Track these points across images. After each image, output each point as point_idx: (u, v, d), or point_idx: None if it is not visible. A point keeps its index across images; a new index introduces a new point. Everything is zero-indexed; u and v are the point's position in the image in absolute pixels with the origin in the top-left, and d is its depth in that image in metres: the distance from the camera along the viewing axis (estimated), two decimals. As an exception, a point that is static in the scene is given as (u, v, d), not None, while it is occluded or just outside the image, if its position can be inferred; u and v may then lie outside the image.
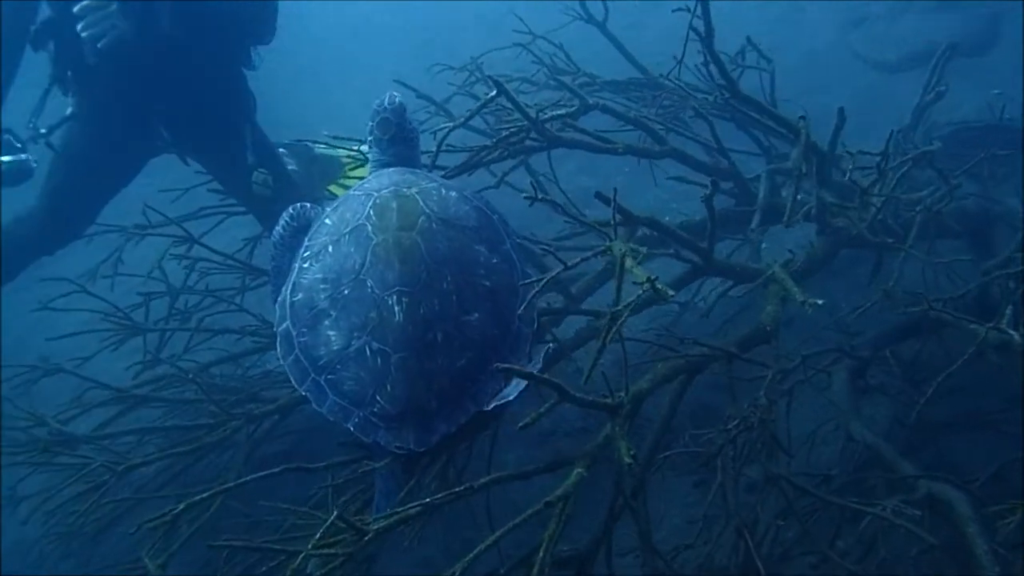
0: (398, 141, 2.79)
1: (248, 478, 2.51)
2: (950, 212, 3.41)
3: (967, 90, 5.74)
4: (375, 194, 2.52)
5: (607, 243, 2.26)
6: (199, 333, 3.81)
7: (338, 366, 2.37)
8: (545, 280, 2.14)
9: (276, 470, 2.48)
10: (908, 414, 3.51)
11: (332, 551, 2.03)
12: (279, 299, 2.57)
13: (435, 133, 3.08)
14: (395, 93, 2.81)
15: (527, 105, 3.16)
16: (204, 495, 2.46)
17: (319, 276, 2.46)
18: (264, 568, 2.21)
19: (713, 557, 2.92)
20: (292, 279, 2.54)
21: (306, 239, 2.59)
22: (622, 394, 2.34)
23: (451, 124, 3.05)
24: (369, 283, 2.37)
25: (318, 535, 2.03)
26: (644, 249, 2.26)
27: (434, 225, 2.44)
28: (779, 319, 2.94)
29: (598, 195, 2.51)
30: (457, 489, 2.18)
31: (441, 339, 2.35)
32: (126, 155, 4.13)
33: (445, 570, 3.39)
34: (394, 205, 2.46)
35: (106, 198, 4.23)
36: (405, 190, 2.51)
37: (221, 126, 4.08)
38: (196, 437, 3.26)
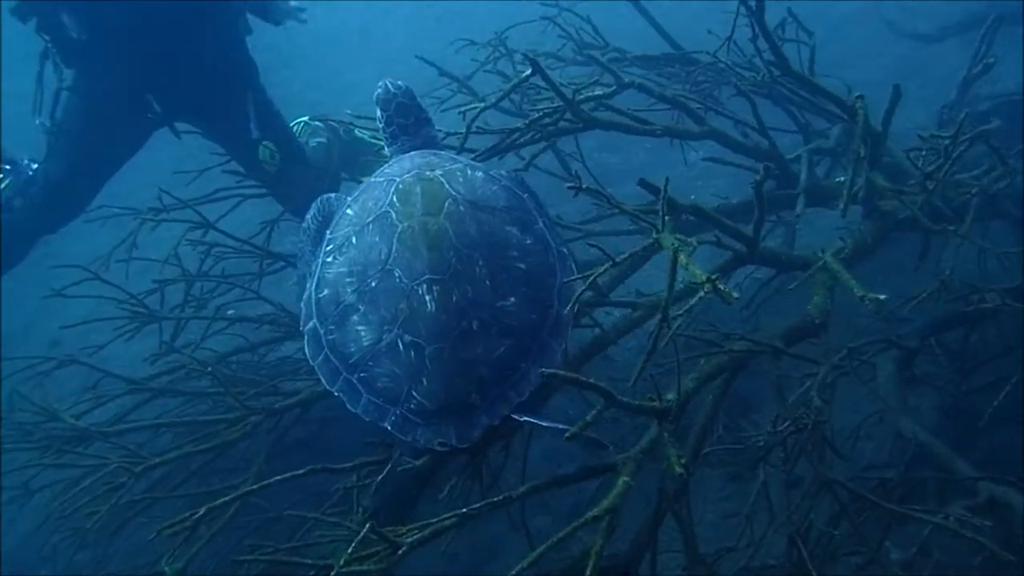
0: (423, 123, 2.68)
1: (270, 481, 2.40)
2: (1006, 193, 3.22)
3: (1007, 61, 5.51)
4: (397, 179, 2.39)
5: (655, 235, 2.09)
6: (216, 322, 3.67)
7: (370, 363, 2.24)
8: (594, 277, 1.98)
9: (300, 472, 2.38)
10: (956, 406, 3.39)
11: (365, 567, 1.90)
12: (304, 296, 2.44)
13: (463, 113, 2.91)
14: (392, 79, 2.68)
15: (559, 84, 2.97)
16: (225, 499, 2.33)
17: (344, 270, 2.33)
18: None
19: (754, 558, 2.80)
20: (316, 274, 2.41)
21: (328, 232, 2.46)
22: (670, 396, 2.19)
23: (480, 104, 2.87)
24: (397, 273, 2.24)
25: (350, 550, 1.90)
26: (694, 241, 2.09)
27: (462, 208, 2.31)
28: (828, 311, 2.78)
29: (642, 183, 2.34)
30: (494, 499, 2.05)
31: (477, 327, 2.21)
32: (126, 129, 4.02)
33: (470, 566, 3.30)
34: (418, 190, 2.33)
35: (107, 173, 4.15)
36: (428, 173, 2.39)
37: (222, 94, 3.99)
38: (215, 432, 3.14)
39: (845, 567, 2.83)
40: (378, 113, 2.69)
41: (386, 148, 2.72)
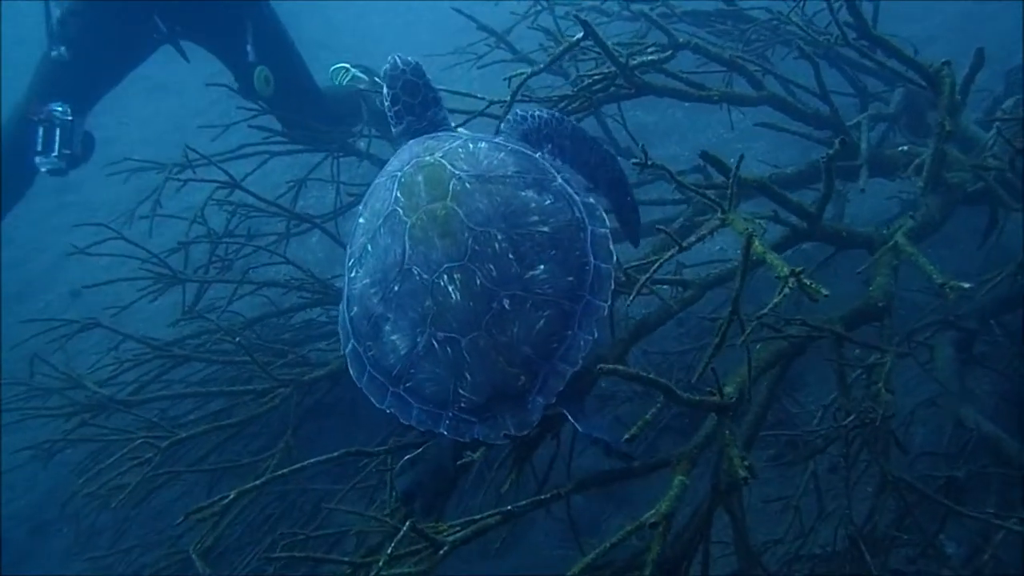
0: (430, 103, 2.50)
1: (301, 465, 2.31)
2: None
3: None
4: (398, 174, 2.28)
5: (722, 215, 1.92)
6: (243, 285, 3.54)
7: (412, 370, 2.13)
8: (660, 263, 1.82)
9: (335, 454, 2.30)
10: (1017, 391, 3.21)
11: (405, 569, 1.78)
12: (339, 320, 2.34)
13: (509, 80, 2.72)
14: (402, 54, 2.50)
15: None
16: (255, 483, 2.23)
17: (367, 281, 2.23)
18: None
19: (803, 547, 2.69)
20: (345, 294, 2.32)
21: (347, 247, 2.37)
22: (728, 389, 2.04)
23: (526, 70, 2.68)
24: (415, 271, 2.13)
25: (390, 548, 1.78)
26: (764, 223, 1.92)
27: (468, 185, 2.19)
28: (892, 293, 2.60)
29: (704, 155, 2.16)
30: (542, 497, 1.93)
31: (509, 306, 2.09)
32: (125, 49, 4.22)
33: (502, 556, 3.19)
34: (420, 179, 2.22)
35: (100, 93, 4.37)
36: (428, 158, 2.26)
37: (221, 16, 4.12)
38: (242, 403, 3.04)
39: (895, 559, 2.72)
40: (384, 90, 2.52)
41: (393, 128, 2.54)
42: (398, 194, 2.22)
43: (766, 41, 3.59)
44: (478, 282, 2.08)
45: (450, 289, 2.09)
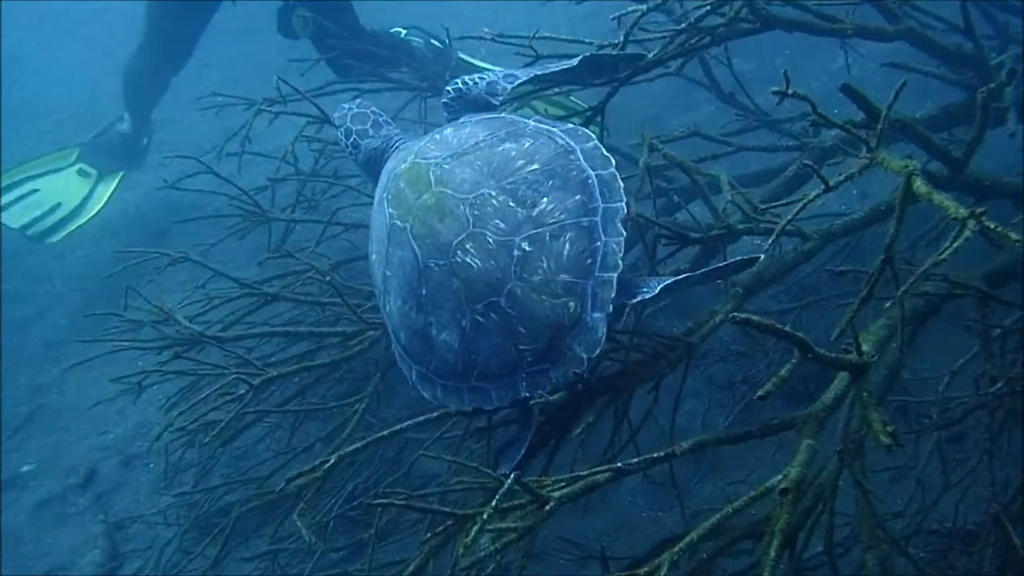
0: (381, 124, 2.69)
1: (400, 427, 2.28)
2: None
3: None
4: (384, 194, 2.34)
5: (870, 153, 1.70)
6: (330, 227, 3.47)
7: (472, 356, 2.12)
8: (807, 201, 1.62)
9: (433, 414, 2.26)
10: None
11: (508, 525, 1.67)
12: (396, 356, 2.37)
13: (618, 19, 2.54)
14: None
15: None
16: (355, 446, 2.19)
17: (399, 303, 2.24)
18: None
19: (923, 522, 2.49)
20: (390, 328, 2.34)
21: (373, 289, 2.46)
22: (866, 347, 1.84)
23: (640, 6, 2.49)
24: (431, 264, 2.14)
25: (494, 502, 1.66)
26: (917, 162, 1.69)
27: (446, 167, 2.22)
28: (1043, 250, 2.33)
29: (845, 88, 1.93)
30: (656, 455, 1.78)
31: (529, 246, 2.08)
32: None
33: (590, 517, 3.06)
34: (402, 185, 2.27)
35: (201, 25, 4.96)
36: (402, 166, 2.32)
37: None
38: (330, 344, 2.97)
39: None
40: (339, 136, 2.70)
41: (355, 160, 2.70)
42: (390, 210, 2.26)
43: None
44: (491, 240, 2.09)
45: (468, 260, 2.09)
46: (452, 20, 4.41)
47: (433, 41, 4.70)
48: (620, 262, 2.07)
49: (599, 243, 2.09)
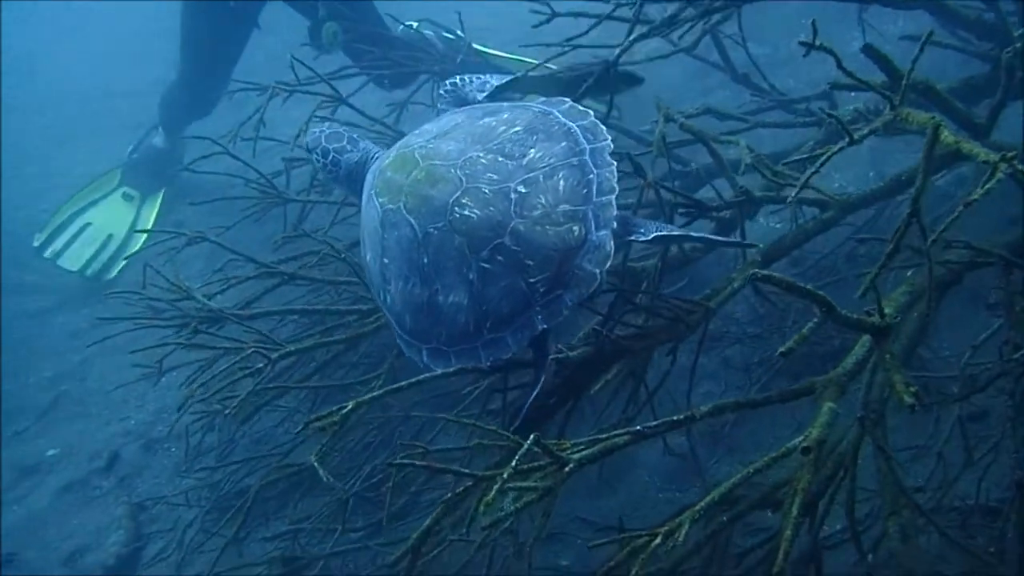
0: (356, 140, 2.73)
1: (420, 378, 2.26)
2: None
3: None
4: (372, 191, 2.36)
5: (893, 110, 1.68)
6: (344, 207, 3.47)
7: (483, 308, 2.12)
8: (828, 156, 1.60)
9: (451, 369, 2.22)
10: None
11: (528, 484, 1.66)
12: (402, 345, 2.36)
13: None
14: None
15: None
16: (374, 394, 2.16)
17: (401, 284, 2.24)
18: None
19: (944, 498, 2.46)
20: (392, 319, 2.34)
21: (372, 287, 2.46)
22: (889, 310, 1.82)
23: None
24: (431, 229, 2.15)
25: (514, 462, 1.66)
26: (939, 117, 1.67)
27: (431, 145, 2.27)
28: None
29: (868, 48, 1.91)
30: (676, 418, 1.76)
31: (525, 188, 2.12)
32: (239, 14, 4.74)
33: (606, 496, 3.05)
34: (390, 173, 2.30)
35: (234, 56, 5.01)
36: (386, 161, 2.36)
37: None
38: (347, 323, 2.97)
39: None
40: (314, 159, 2.73)
41: (333, 179, 2.74)
42: (380, 200, 2.28)
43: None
44: (486, 190, 2.11)
45: (466, 213, 2.10)
46: (466, 9, 4.46)
47: (446, 34, 4.80)
48: (615, 187, 2.11)
49: (592, 175, 2.13)
